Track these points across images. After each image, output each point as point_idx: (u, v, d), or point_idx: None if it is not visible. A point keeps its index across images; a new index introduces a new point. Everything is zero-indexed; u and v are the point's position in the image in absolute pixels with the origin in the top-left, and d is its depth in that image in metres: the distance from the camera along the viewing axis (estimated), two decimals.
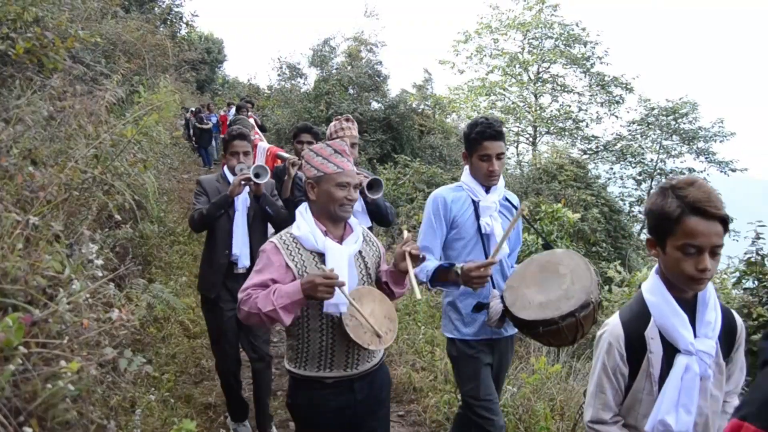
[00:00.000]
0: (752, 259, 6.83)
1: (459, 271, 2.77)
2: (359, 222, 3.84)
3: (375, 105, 17.38)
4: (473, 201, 3.08)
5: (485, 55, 28.27)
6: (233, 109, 14.97)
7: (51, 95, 3.94)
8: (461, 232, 3.07)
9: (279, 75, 19.61)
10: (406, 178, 13.58)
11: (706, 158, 25.48)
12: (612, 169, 26.57)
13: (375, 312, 2.45)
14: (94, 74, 5.91)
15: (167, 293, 5.18)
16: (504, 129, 2.99)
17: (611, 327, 2.00)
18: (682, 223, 1.77)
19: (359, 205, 4.01)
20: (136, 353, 2.46)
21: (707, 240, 1.76)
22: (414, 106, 18.54)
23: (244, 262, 3.89)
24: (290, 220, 4.03)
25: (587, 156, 26.27)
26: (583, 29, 26.73)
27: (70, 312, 2.12)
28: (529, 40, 27.55)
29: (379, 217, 4.15)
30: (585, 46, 26.77)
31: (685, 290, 1.88)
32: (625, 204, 24.80)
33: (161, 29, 12.79)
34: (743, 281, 6.96)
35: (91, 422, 2.12)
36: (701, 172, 25.43)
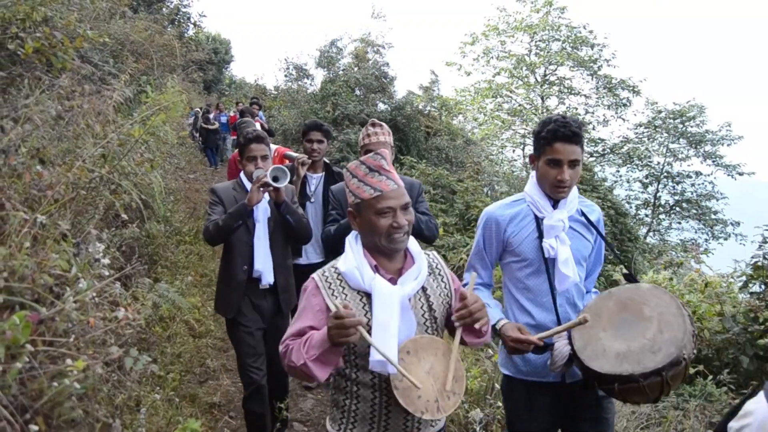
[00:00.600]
0: (759, 263, 6.79)
1: (498, 327, 2.43)
2: None
3: (381, 106, 17.39)
4: (536, 217, 2.59)
5: (492, 57, 28.28)
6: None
7: (59, 95, 3.96)
8: (519, 255, 2.60)
9: (286, 76, 19.67)
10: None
11: (714, 162, 25.39)
12: (618, 171, 26.52)
13: (435, 369, 1.96)
14: (102, 74, 5.93)
15: (173, 293, 5.19)
16: (581, 132, 2.49)
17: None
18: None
19: None
20: (142, 352, 2.46)
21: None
22: (420, 107, 18.55)
23: (267, 278, 3.57)
24: (311, 232, 3.82)
25: (594, 159, 26.21)
26: (591, 32, 26.73)
27: (76, 310, 2.13)
28: (536, 42, 27.54)
29: (414, 233, 3.84)
30: (592, 49, 26.75)
31: None
32: (631, 207, 24.77)
33: (169, 29, 12.83)
34: (750, 285, 6.93)
35: (96, 420, 2.12)
36: (708, 175, 25.36)
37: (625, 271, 2.72)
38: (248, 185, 3.59)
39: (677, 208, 25.38)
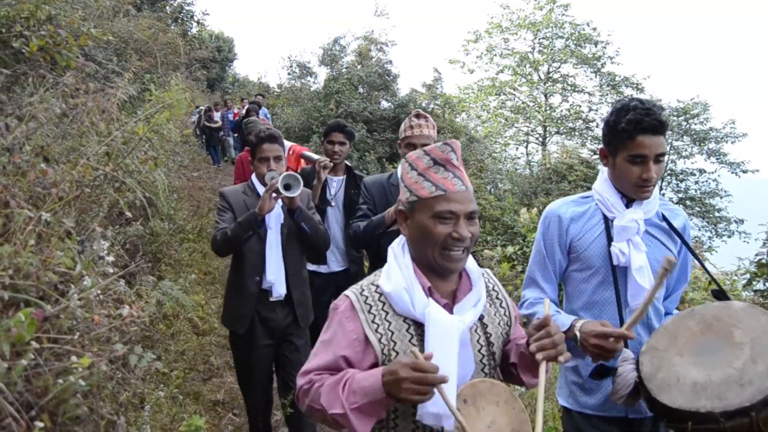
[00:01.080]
0: (763, 261, 6.78)
1: (577, 333, 2.02)
2: None
3: (384, 104, 17.36)
4: (605, 218, 2.24)
5: (495, 55, 28.21)
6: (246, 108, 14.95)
7: (64, 93, 3.97)
8: (584, 262, 2.24)
9: (289, 74, 19.64)
10: None
11: (717, 159, 25.32)
12: None
13: (497, 422, 1.57)
14: (106, 72, 5.94)
15: (177, 290, 5.20)
16: (667, 120, 2.13)
17: None
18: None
19: None
20: (146, 350, 2.47)
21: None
22: (424, 105, 18.51)
23: (279, 290, 3.29)
24: (329, 241, 3.56)
25: (597, 156, 26.12)
26: (594, 29, 26.64)
27: (81, 308, 2.14)
28: (539, 39, 27.47)
29: None
30: (596, 46, 26.66)
31: None
32: None
33: (172, 28, 12.84)
34: (754, 283, 6.92)
35: (101, 417, 2.13)
36: (712, 173, 25.30)
37: (713, 287, 2.25)
38: (260, 189, 3.33)
39: (681, 206, 25.25)
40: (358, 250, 4.19)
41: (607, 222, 2.22)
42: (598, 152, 2.28)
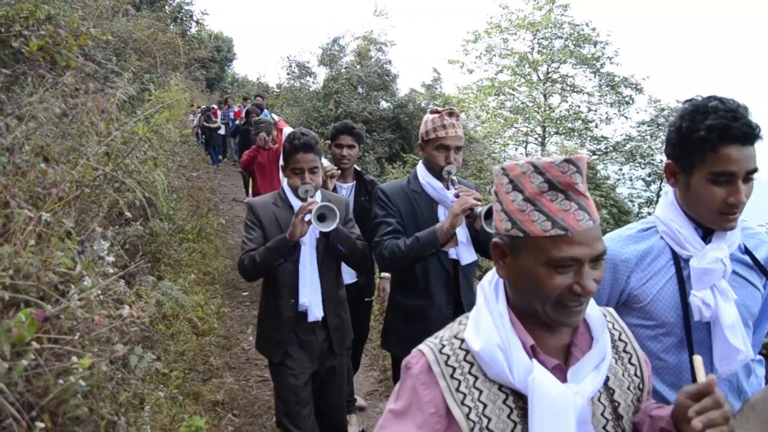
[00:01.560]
0: None
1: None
2: (462, 254, 2.89)
3: (384, 104, 17.38)
4: (675, 257, 1.73)
5: (495, 55, 28.20)
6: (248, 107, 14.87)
7: (63, 92, 3.96)
8: (649, 316, 1.73)
9: (288, 74, 19.64)
10: None
11: None
12: (621, 170, 26.44)
13: None
14: (105, 72, 5.94)
15: (176, 290, 5.20)
16: (758, 127, 1.64)
17: None
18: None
19: (463, 234, 2.86)
20: (146, 350, 2.47)
21: None
22: (423, 105, 18.52)
23: (316, 313, 2.98)
24: (368, 258, 3.24)
25: (596, 157, 26.16)
26: (593, 29, 26.65)
27: (81, 308, 2.14)
28: (538, 39, 27.47)
29: (488, 254, 2.96)
30: (595, 46, 26.67)
31: None
32: (634, 205, 24.67)
33: (172, 27, 12.84)
34: None
35: (101, 418, 2.13)
36: None
37: None
38: (293, 201, 3.00)
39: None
40: (388, 270, 3.60)
41: (679, 262, 1.71)
42: (664, 170, 1.75)
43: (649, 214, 25.31)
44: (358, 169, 4.14)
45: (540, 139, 27.64)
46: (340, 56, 18.60)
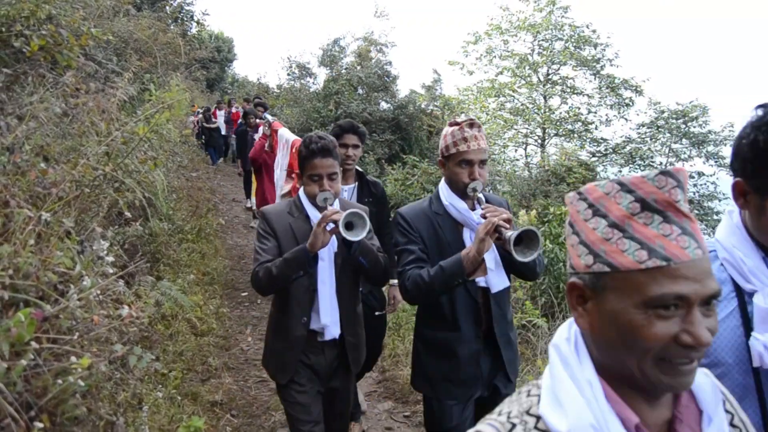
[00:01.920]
0: None
1: None
2: (492, 281, 2.61)
3: (384, 105, 17.39)
4: (738, 290, 1.45)
5: (495, 57, 28.20)
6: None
7: (64, 92, 3.97)
8: (709, 356, 1.42)
9: (288, 74, 19.65)
10: (414, 178, 13.56)
11: (716, 162, 25.33)
12: (621, 171, 26.46)
13: None
14: (106, 72, 5.95)
15: (175, 291, 5.20)
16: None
17: None
18: None
19: (492, 260, 2.58)
20: (145, 350, 2.47)
21: None
22: (423, 106, 18.53)
23: (333, 332, 2.77)
24: (389, 273, 2.96)
25: (596, 158, 26.17)
26: (594, 31, 26.68)
27: (80, 308, 2.14)
28: (539, 41, 27.49)
29: (524, 275, 2.81)
30: (595, 48, 26.69)
31: None
32: None
33: (172, 28, 12.84)
34: None
35: (99, 418, 2.13)
36: (711, 176, 25.33)
37: None
38: (310, 210, 2.78)
39: None
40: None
41: (742, 296, 1.43)
42: (730, 188, 1.47)
43: None
44: (360, 170, 4.00)
45: (540, 141, 27.65)
46: (340, 57, 18.61)
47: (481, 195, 2.56)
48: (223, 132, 17.50)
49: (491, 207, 2.44)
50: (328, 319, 2.74)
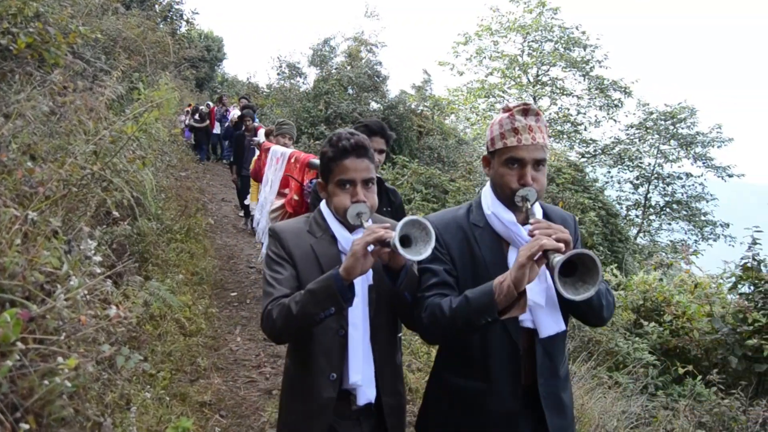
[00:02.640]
0: (748, 265, 6.87)
1: None
2: (541, 322, 1.96)
3: (374, 105, 17.42)
4: None
5: (485, 57, 28.35)
6: (234, 111, 14.57)
7: (51, 91, 3.94)
8: None
9: (278, 74, 19.66)
10: (404, 178, 13.59)
11: (704, 163, 25.56)
12: (609, 172, 26.66)
13: None
14: (94, 70, 5.91)
15: (164, 291, 5.17)
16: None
17: None
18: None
19: (541, 293, 1.95)
20: (133, 350, 2.46)
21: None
22: (413, 107, 18.57)
23: (367, 394, 2.05)
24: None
25: (585, 159, 26.35)
26: (583, 32, 26.89)
27: (67, 308, 2.12)
28: (528, 42, 27.64)
29: (585, 317, 2.10)
30: (585, 50, 26.88)
31: None
32: (622, 207, 24.92)
33: (161, 26, 12.80)
34: (739, 286, 7.01)
35: (87, 419, 2.11)
36: (698, 177, 25.54)
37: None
38: (336, 229, 2.08)
39: (667, 209, 25.55)
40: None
41: None
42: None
43: (637, 216, 25.52)
44: (379, 176, 3.30)
45: None
46: (330, 57, 18.63)
47: (536, 206, 2.05)
48: (218, 130, 17.29)
49: (543, 223, 1.80)
50: (359, 374, 2.01)
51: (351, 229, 2.07)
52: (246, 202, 9.29)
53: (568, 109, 27.46)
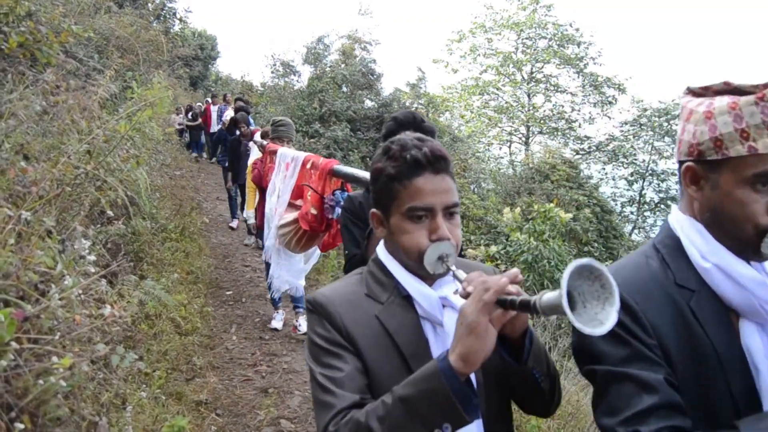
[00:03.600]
0: None
1: None
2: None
3: (368, 103, 17.39)
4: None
5: (479, 55, 28.36)
6: (228, 110, 14.34)
7: (44, 90, 3.93)
8: None
9: (272, 72, 19.59)
10: None
11: None
12: (604, 169, 26.73)
13: None
14: (87, 69, 5.89)
15: (159, 290, 5.16)
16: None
17: None
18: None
19: None
20: (128, 350, 2.46)
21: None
22: (407, 104, 18.55)
23: None
24: (558, 393, 1.43)
25: (580, 156, 26.40)
26: (577, 29, 26.93)
27: (62, 308, 2.12)
28: (522, 39, 27.66)
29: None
30: (578, 47, 26.93)
31: None
32: (616, 204, 24.98)
33: (155, 25, 12.77)
34: None
35: (82, 418, 2.11)
36: None
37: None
38: (409, 283, 1.37)
39: (662, 206, 25.63)
40: None
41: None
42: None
43: (632, 213, 25.61)
44: None
45: (524, 139, 27.84)
46: (324, 55, 18.58)
47: None
48: (215, 128, 17.04)
49: None
50: None
51: (434, 279, 1.38)
52: (245, 215, 7.72)
53: (563, 106, 27.52)
